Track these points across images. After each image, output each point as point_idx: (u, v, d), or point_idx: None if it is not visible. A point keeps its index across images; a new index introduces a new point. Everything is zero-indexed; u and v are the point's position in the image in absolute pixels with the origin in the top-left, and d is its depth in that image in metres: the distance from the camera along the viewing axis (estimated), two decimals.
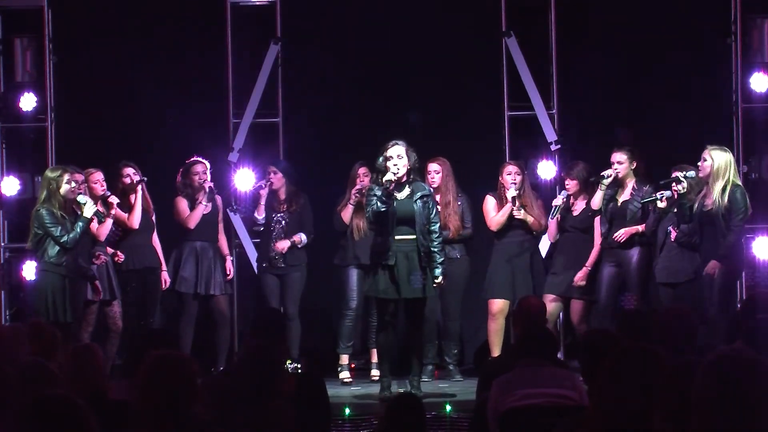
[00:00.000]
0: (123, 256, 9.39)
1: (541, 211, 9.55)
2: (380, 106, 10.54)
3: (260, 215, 9.76)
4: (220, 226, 9.91)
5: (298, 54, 10.53)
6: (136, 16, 10.42)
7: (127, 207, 9.50)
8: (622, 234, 9.08)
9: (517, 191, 9.39)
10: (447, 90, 10.51)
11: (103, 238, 9.19)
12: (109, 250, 9.38)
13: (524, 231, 9.53)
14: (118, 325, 9.30)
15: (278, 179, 9.80)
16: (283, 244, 9.71)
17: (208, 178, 9.69)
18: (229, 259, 9.90)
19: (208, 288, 9.65)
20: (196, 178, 9.68)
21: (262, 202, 9.76)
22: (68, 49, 10.37)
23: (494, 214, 9.52)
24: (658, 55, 10.27)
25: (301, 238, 9.75)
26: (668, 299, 8.93)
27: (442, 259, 8.54)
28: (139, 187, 9.48)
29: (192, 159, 9.73)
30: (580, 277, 9.34)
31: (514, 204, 9.39)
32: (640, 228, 9.11)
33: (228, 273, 9.84)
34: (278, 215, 9.78)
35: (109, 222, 9.18)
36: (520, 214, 9.41)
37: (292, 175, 9.84)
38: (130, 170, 9.56)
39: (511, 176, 9.44)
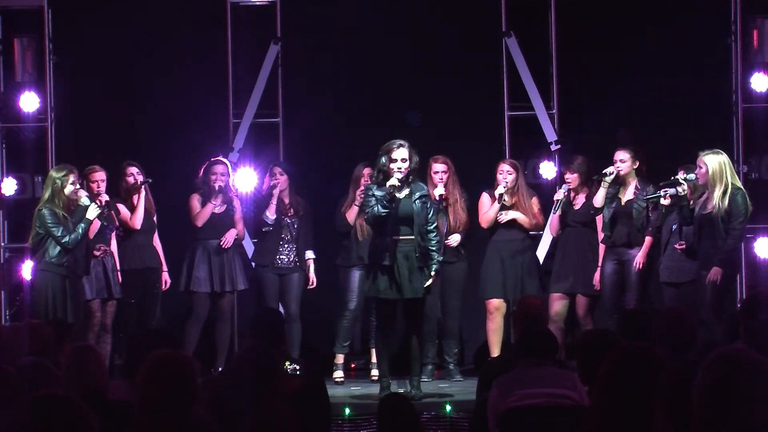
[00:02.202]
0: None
1: (536, 210, 9.53)
2: (380, 106, 10.54)
3: (272, 215, 9.70)
4: (239, 224, 9.79)
5: (298, 54, 10.53)
6: (136, 16, 10.41)
7: (130, 207, 9.50)
8: (640, 262, 9.03)
9: (505, 189, 9.38)
10: (447, 90, 10.50)
11: (91, 235, 9.14)
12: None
13: (518, 230, 9.51)
14: (108, 324, 9.28)
15: (284, 181, 9.77)
16: (314, 281, 9.82)
17: (230, 180, 9.67)
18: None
19: (223, 285, 9.62)
20: (213, 177, 9.65)
21: (274, 201, 9.71)
22: (68, 49, 10.37)
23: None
24: (657, 55, 10.27)
25: (311, 256, 9.80)
26: (671, 299, 8.92)
27: (440, 258, 8.54)
28: (143, 188, 9.48)
29: (215, 158, 9.71)
30: (596, 280, 9.31)
31: (499, 201, 9.37)
32: (648, 239, 9.08)
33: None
34: (286, 218, 9.73)
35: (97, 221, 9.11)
36: (503, 218, 9.37)
37: (294, 179, 9.82)
38: (133, 169, 9.56)
39: (502, 175, 9.43)
